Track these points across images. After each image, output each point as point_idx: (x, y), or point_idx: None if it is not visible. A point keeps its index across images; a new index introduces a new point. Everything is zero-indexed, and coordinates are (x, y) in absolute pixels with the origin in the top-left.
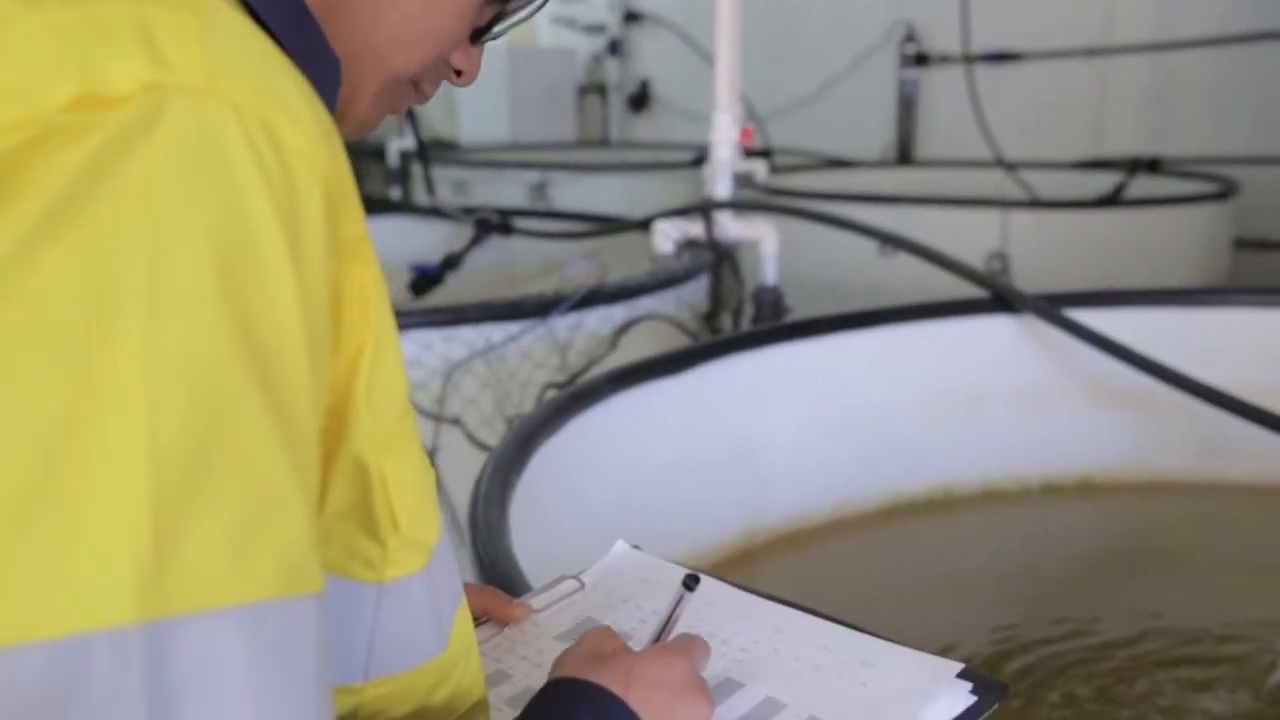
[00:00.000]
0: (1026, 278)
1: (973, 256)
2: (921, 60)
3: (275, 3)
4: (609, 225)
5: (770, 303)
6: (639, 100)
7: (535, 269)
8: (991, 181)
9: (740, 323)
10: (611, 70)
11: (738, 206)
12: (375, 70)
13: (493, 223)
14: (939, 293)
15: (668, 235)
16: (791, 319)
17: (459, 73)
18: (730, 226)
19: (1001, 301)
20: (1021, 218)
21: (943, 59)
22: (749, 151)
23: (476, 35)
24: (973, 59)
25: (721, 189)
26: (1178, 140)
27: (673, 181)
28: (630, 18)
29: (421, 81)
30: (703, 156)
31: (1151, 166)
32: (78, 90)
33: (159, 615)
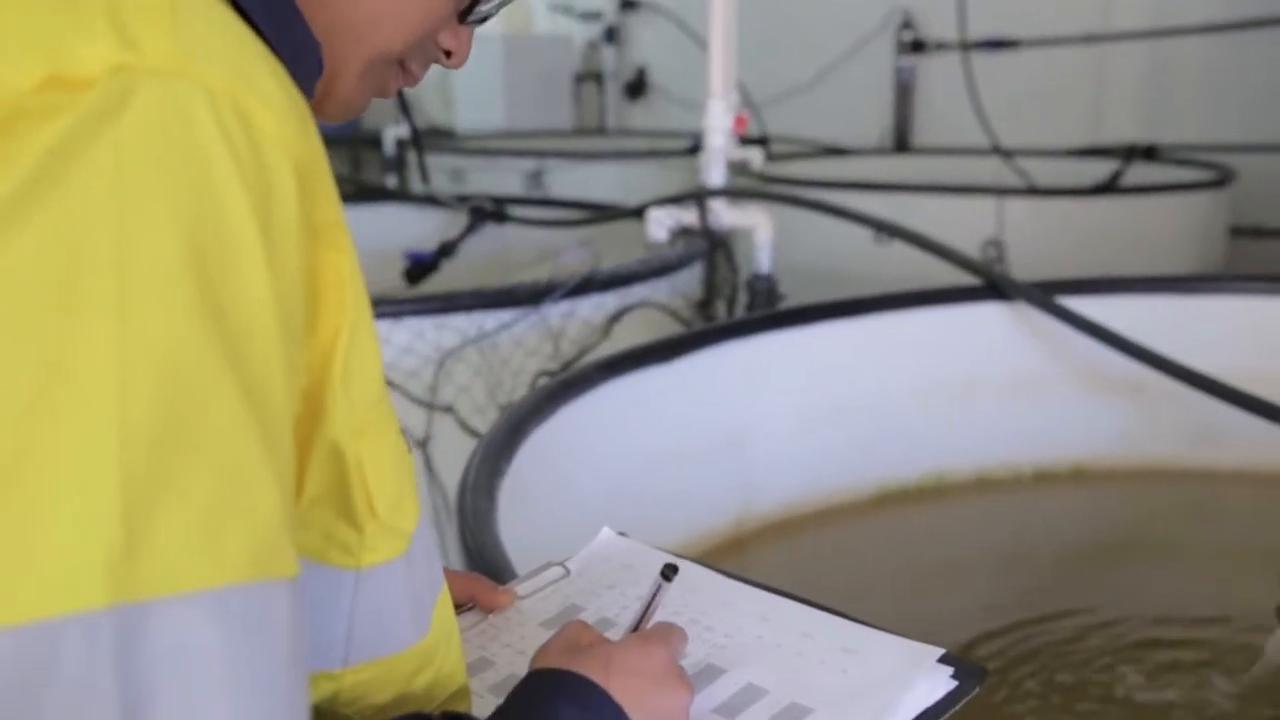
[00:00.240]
0: (1022, 265)
1: (969, 244)
2: (918, 47)
3: None
4: (603, 213)
5: (764, 291)
6: (635, 88)
7: (530, 257)
8: (988, 169)
9: (735, 311)
10: (608, 58)
11: (732, 194)
12: (357, 49)
13: (487, 211)
14: (935, 280)
15: (661, 223)
16: (785, 307)
17: (448, 54)
18: (724, 214)
19: (994, 289)
20: (1017, 205)
21: (939, 46)
22: (745, 139)
23: (464, 14)
24: (969, 46)
25: (715, 176)
26: (1175, 127)
27: (669, 169)
28: (627, 5)
29: (409, 62)
30: (699, 144)
31: (1148, 154)
32: (46, 72)
33: (130, 599)
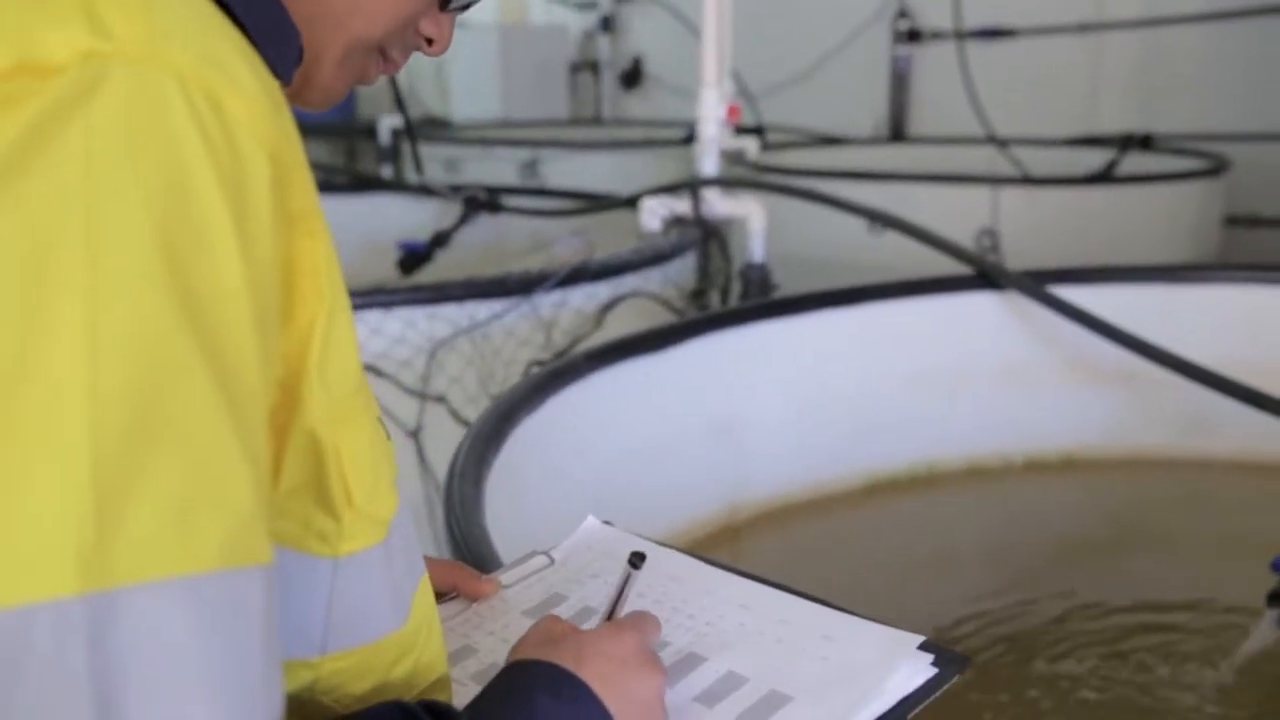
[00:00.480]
0: (1017, 254)
1: (963, 234)
2: (914, 36)
3: None
4: (597, 203)
5: (757, 280)
6: (631, 77)
7: (524, 247)
8: (984, 158)
9: (728, 300)
10: (604, 47)
11: (725, 184)
12: (336, 35)
13: (481, 200)
14: (930, 270)
15: (655, 213)
16: (777, 296)
17: (430, 41)
18: (717, 204)
19: (986, 278)
20: (1012, 194)
21: (935, 35)
22: (740, 128)
23: (445, 2)
24: (964, 35)
25: (709, 166)
26: (1170, 116)
27: (664, 159)
28: None
29: (389, 50)
30: (694, 134)
31: (1144, 143)
32: (15, 59)
33: (101, 587)
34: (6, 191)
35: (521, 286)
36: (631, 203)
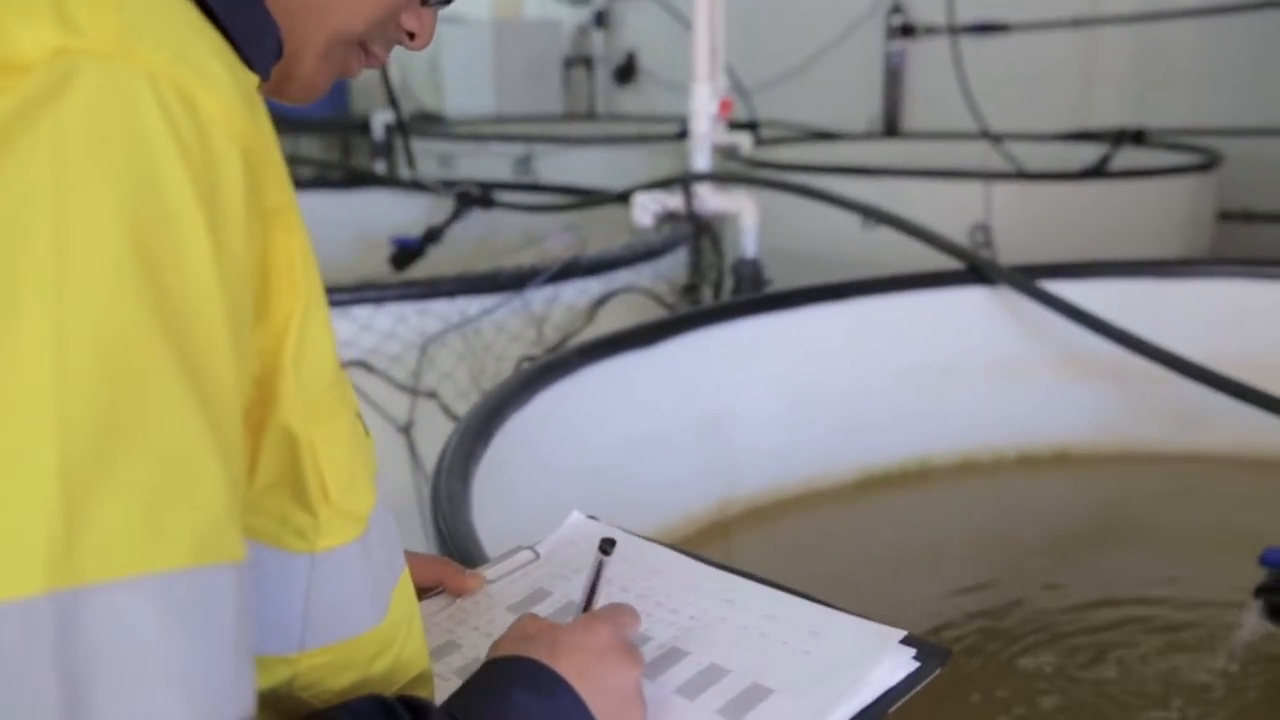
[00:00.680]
0: (1011, 250)
1: (957, 229)
2: (908, 31)
3: None
4: (589, 198)
5: (750, 275)
6: (625, 72)
7: (516, 242)
8: (978, 153)
9: (720, 295)
10: (597, 42)
11: (717, 179)
12: (316, 30)
13: (473, 196)
14: (924, 265)
15: (647, 208)
16: (769, 291)
17: (412, 35)
18: (710, 199)
19: (977, 273)
20: (1005, 190)
21: (929, 30)
22: (733, 124)
23: None
24: (958, 30)
25: (701, 161)
26: (1163, 111)
27: (658, 154)
28: None
29: (370, 44)
30: (688, 129)
31: (1137, 138)
32: None
33: (69, 585)
34: None
35: (513, 282)
36: (624, 198)
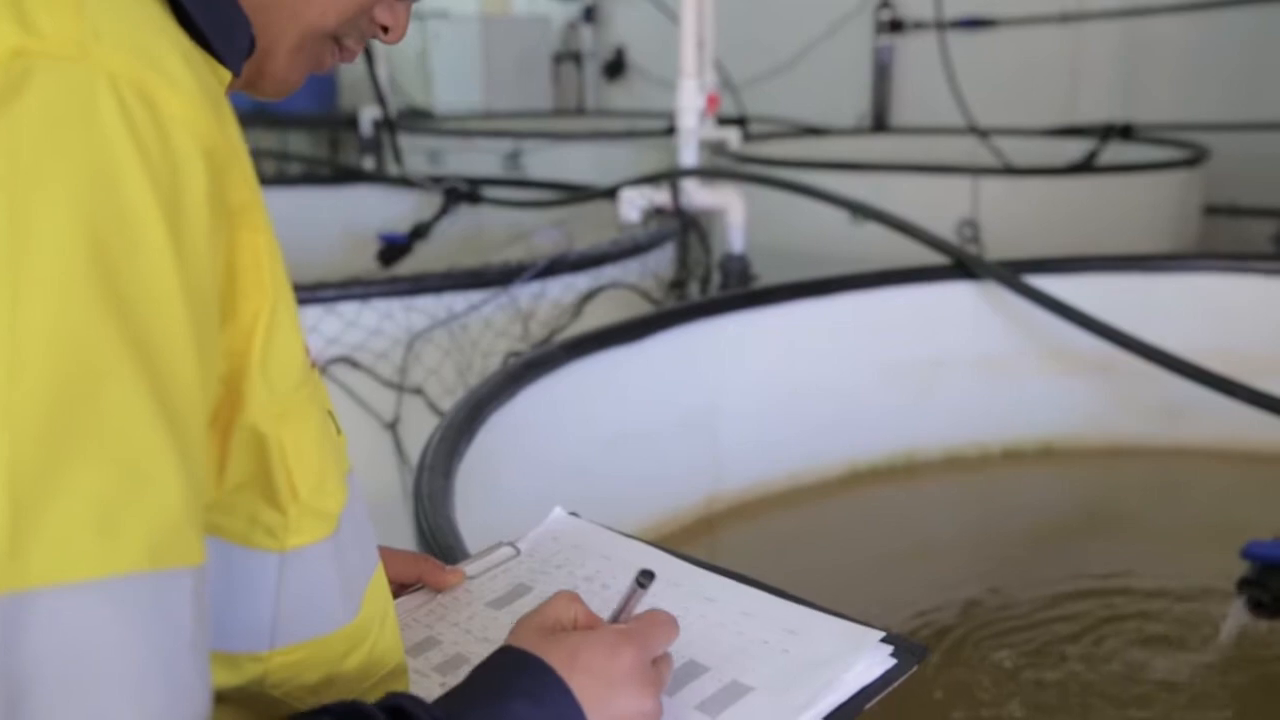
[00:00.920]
0: (998, 245)
1: (944, 224)
2: (896, 27)
3: None
4: (576, 194)
5: (737, 271)
6: (614, 68)
7: (504, 238)
8: (966, 149)
9: (708, 291)
10: (586, 38)
11: (704, 174)
12: (289, 25)
13: (461, 192)
14: (914, 260)
15: (634, 204)
16: (756, 286)
17: (385, 29)
18: (697, 195)
19: (963, 268)
20: (993, 185)
21: (917, 25)
22: (723, 119)
23: None
24: (945, 25)
25: (688, 156)
26: (1150, 107)
27: (647, 150)
28: None
29: (344, 38)
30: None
31: (1124, 133)
32: None
33: (13, 588)
34: None
35: (499, 278)
36: (611, 194)
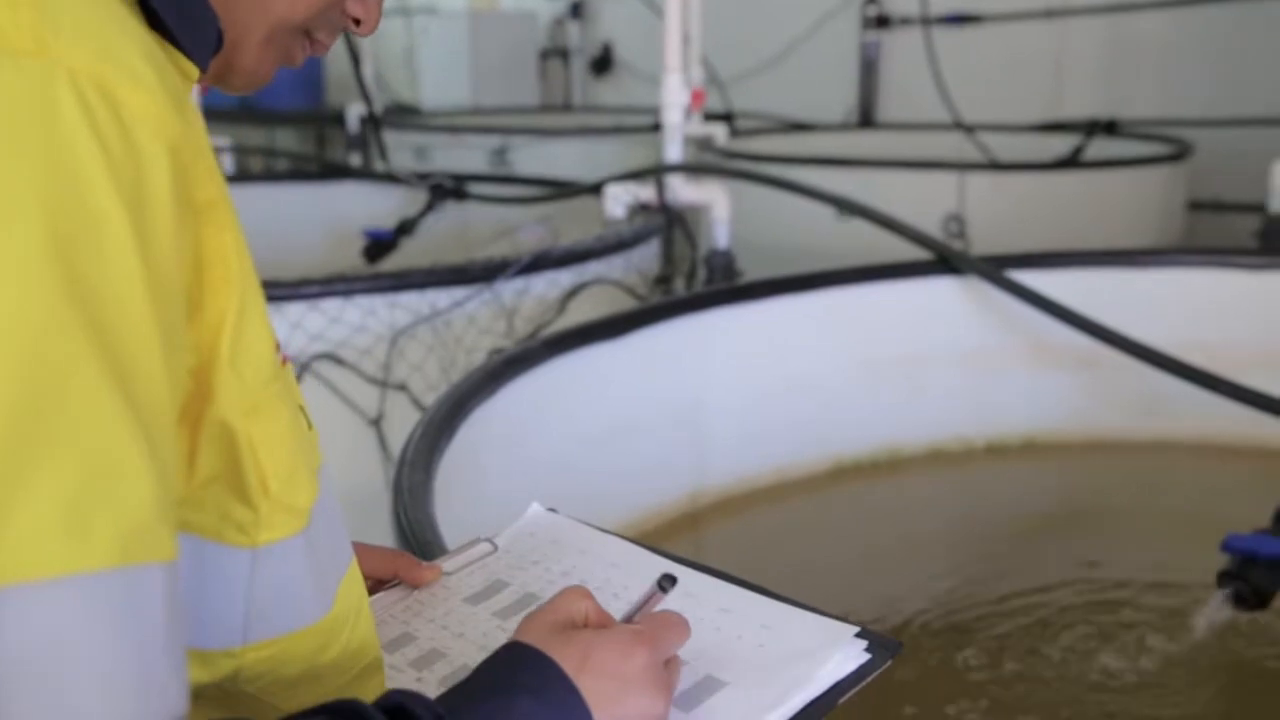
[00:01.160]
0: (984, 240)
1: (930, 219)
2: (883, 22)
3: None
4: (561, 190)
5: (722, 266)
6: (601, 64)
7: (490, 234)
8: (953, 144)
9: (693, 286)
10: (573, 34)
11: (689, 170)
12: (257, 19)
13: (447, 188)
14: (900, 256)
15: (619, 199)
16: (742, 282)
17: (357, 22)
18: (682, 190)
19: (946, 264)
20: (979, 180)
21: (903, 21)
22: (710, 115)
23: None
24: (931, 21)
25: (672, 152)
26: (1135, 102)
27: (634, 146)
28: None
29: (315, 31)
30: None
31: (1109, 128)
32: None
33: None
34: None
35: (483, 274)
36: (597, 190)
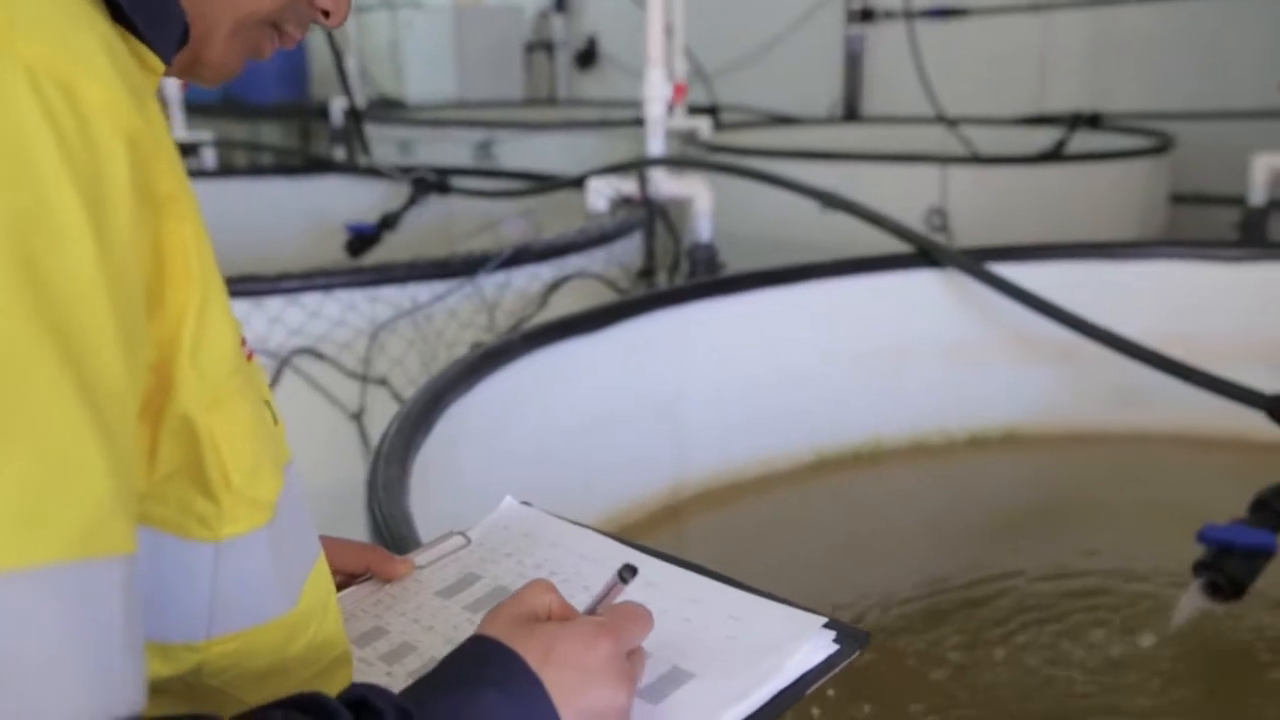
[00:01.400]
0: (967, 233)
1: (913, 213)
2: (867, 16)
3: None
4: (544, 183)
5: (704, 260)
6: (586, 57)
7: (473, 228)
8: (937, 138)
9: (676, 280)
10: (558, 27)
11: (671, 164)
12: (225, 11)
13: (430, 182)
14: (884, 248)
15: (601, 193)
16: (724, 275)
17: (326, 14)
18: (664, 184)
19: (927, 256)
20: (961, 174)
21: (888, 15)
22: (695, 108)
23: None
24: (915, 15)
25: (655, 146)
26: (1119, 96)
27: (618, 139)
28: None
29: (283, 23)
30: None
31: (1092, 122)
32: None
33: None
34: None
35: (464, 268)
36: (579, 183)
